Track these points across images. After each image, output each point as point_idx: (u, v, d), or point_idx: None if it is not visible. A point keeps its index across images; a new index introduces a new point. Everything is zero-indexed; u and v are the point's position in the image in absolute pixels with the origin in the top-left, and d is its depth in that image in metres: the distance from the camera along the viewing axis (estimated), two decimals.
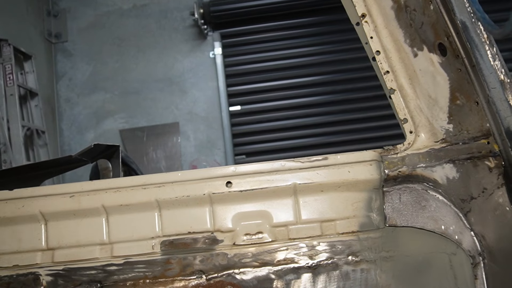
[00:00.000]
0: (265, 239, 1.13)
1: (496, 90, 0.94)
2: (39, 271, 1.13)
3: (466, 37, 0.93)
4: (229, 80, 5.10)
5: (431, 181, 1.14)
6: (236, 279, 1.14)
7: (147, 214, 1.14)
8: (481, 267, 1.12)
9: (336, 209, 1.14)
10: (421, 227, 1.14)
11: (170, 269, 1.13)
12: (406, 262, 1.14)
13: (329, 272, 1.13)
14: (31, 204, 1.12)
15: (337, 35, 4.98)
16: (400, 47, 1.12)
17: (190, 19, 5.08)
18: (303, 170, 1.12)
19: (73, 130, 5.10)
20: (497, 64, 0.96)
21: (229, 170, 1.12)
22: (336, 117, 4.95)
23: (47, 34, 5.12)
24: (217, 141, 5.04)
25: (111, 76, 5.15)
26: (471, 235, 1.13)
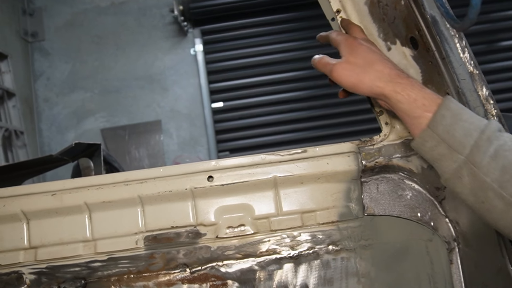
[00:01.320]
0: (248, 231, 1.15)
1: (465, 82, 0.98)
2: (22, 270, 1.13)
3: (436, 30, 0.96)
4: (210, 77, 5.09)
5: (407, 171, 1.18)
6: (220, 271, 1.16)
7: (130, 210, 1.15)
8: (456, 252, 1.16)
9: (316, 200, 1.17)
10: (398, 215, 1.18)
11: (154, 263, 1.15)
12: (385, 249, 1.18)
13: (310, 261, 1.16)
14: (12, 203, 1.12)
15: (317, 30, 4.99)
16: (374, 41, 1.15)
17: (170, 16, 5.05)
18: (283, 163, 1.15)
19: (53, 130, 5.03)
20: (466, 57, 0.99)
21: (211, 165, 1.14)
22: (318, 112, 5.00)
23: (23, 33, 5.02)
24: (200, 138, 5.04)
25: (91, 75, 5.09)
26: (446, 221, 1.17)
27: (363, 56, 0.98)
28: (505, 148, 0.82)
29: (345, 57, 1.00)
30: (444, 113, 0.87)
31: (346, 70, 0.99)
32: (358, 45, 1.00)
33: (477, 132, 0.84)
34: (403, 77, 0.93)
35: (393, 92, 0.92)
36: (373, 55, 0.98)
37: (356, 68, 0.97)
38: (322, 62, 1.06)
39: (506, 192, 0.80)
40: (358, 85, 0.97)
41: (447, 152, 0.87)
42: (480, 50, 4.96)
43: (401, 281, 1.17)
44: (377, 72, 0.95)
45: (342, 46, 1.03)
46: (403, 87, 0.92)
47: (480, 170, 0.83)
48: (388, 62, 0.97)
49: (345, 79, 0.99)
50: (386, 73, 0.94)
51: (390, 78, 0.93)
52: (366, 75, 0.96)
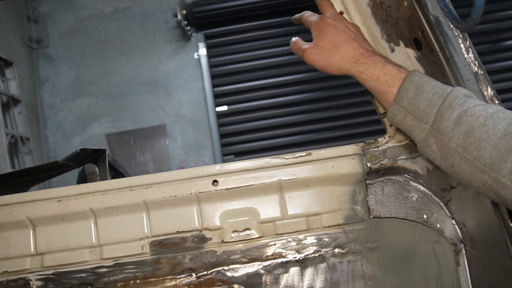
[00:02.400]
0: (253, 235, 1.15)
1: (470, 82, 0.97)
2: (29, 276, 1.13)
3: (440, 31, 0.96)
4: (214, 81, 5.10)
5: (412, 172, 1.17)
6: (226, 276, 1.16)
7: (135, 215, 1.15)
8: (463, 253, 1.15)
9: (322, 203, 1.16)
10: (404, 217, 1.17)
11: (160, 268, 1.15)
12: (391, 252, 1.17)
13: (316, 265, 1.16)
14: (18, 210, 1.12)
15: None
16: (377, 43, 1.15)
17: (173, 20, 5.07)
18: (288, 166, 1.14)
19: (58, 136, 5.05)
20: (470, 57, 0.99)
21: (215, 169, 1.14)
22: (323, 114, 4.99)
23: (28, 39, 5.06)
24: (205, 142, 5.04)
25: (95, 80, 5.11)
26: (452, 223, 1.16)
27: (331, 39, 1.04)
28: (467, 113, 0.85)
29: (314, 41, 1.07)
30: (407, 87, 0.94)
31: (315, 55, 1.06)
32: (326, 27, 1.05)
33: (439, 101, 0.89)
34: (366, 56, 1.00)
35: (358, 72, 1.00)
36: (339, 35, 1.03)
37: (325, 52, 1.04)
38: (295, 46, 1.12)
39: (470, 155, 0.84)
40: (328, 68, 1.05)
41: (415, 123, 0.93)
42: (484, 50, 4.94)
43: (408, 283, 1.16)
44: (343, 54, 1.01)
45: (312, 29, 1.09)
46: (366, 66, 0.99)
47: (445, 136, 0.88)
48: (353, 41, 1.02)
49: (316, 63, 1.06)
50: (350, 55, 1.01)
51: (354, 59, 1.00)
52: (333, 58, 1.03)
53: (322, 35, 1.05)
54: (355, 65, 1.00)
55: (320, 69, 1.06)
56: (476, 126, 0.83)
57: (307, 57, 1.07)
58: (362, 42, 1.04)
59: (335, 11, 1.14)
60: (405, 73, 0.96)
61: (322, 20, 1.07)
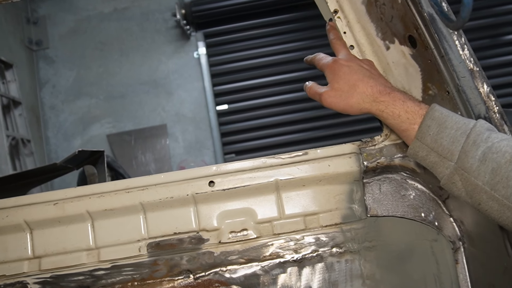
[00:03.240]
0: (250, 235, 1.15)
1: (465, 79, 0.96)
2: (27, 280, 1.13)
3: (434, 28, 0.95)
4: (214, 80, 5.09)
5: (409, 170, 1.16)
6: (224, 277, 1.16)
7: (132, 217, 1.15)
8: (462, 251, 1.15)
9: (319, 203, 1.16)
10: (402, 215, 1.16)
11: (157, 270, 1.15)
12: (389, 250, 1.17)
13: (314, 264, 1.16)
14: (15, 213, 1.12)
15: (320, 30, 4.99)
16: (372, 40, 1.15)
17: (172, 20, 5.06)
18: (284, 166, 1.14)
19: (59, 138, 5.06)
20: (466, 54, 0.98)
21: (211, 170, 1.14)
22: (324, 112, 4.96)
23: (28, 41, 5.06)
24: (205, 141, 5.04)
25: (95, 81, 5.11)
26: (450, 221, 1.16)
27: (346, 80, 1.03)
28: (492, 150, 0.84)
29: (330, 84, 1.06)
30: (429, 124, 0.92)
31: (333, 98, 1.04)
32: (340, 68, 1.05)
33: (463, 138, 0.88)
34: (384, 93, 0.99)
35: (378, 111, 0.99)
36: (354, 75, 1.02)
37: (342, 94, 1.03)
38: (311, 92, 1.11)
39: (499, 193, 0.82)
40: (347, 109, 1.04)
41: (438, 160, 0.91)
42: (483, 45, 4.91)
43: (406, 282, 1.16)
44: (361, 94, 1.01)
45: (326, 72, 1.08)
46: (386, 105, 0.98)
47: (471, 174, 0.85)
48: (369, 79, 1.01)
49: (334, 106, 1.05)
50: (368, 94, 1.00)
51: (373, 97, 0.99)
52: (351, 99, 1.02)
53: (337, 77, 1.05)
54: (375, 103, 0.99)
55: (340, 111, 1.05)
56: (503, 163, 0.81)
57: (325, 101, 1.06)
58: (378, 78, 1.04)
59: (348, 51, 1.13)
60: (425, 108, 0.95)
61: (335, 62, 1.07)
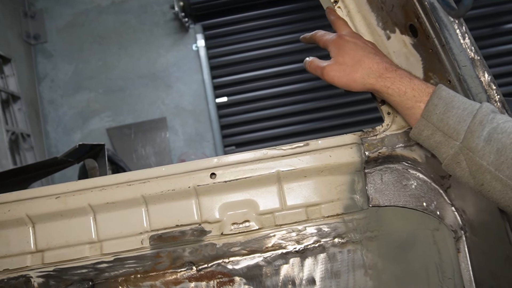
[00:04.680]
0: (252, 227, 1.15)
1: (466, 68, 0.96)
2: (30, 274, 1.14)
3: (435, 17, 0.94)
4: (214, 72, 5.08)
5: (411, 160, 1.16)
6: (227, 268, 1.16)
7: (134, 210, 1.15)
8: (463, 240, 1.15)
9: (320, 193, 1.16)
10: (404, 205, 1.17)
11: (160, 262, 1.15)
12: (391, 240, 1.17)
13: (316, 255, 1.16)
14: (17, 207, 1.12)
15: (320, 21, 4.97)
16: (373, 30, 1.14)
17: (171, 12, 5.03)
18: (286, 157, 1.14)
19: (59, 132, 5.05)
20: (467, 43, 0.97)
21: (213, 162, 1.13)
22: (323, 103, 4.96)
23: (25, 35, 5.03)
24: (205, 134, 5.03)
25: (94, 75, 5.09)
26: (452, 210, 1.16)
27: (352, 55, 1.01)
28: (498, 130, 0.84)
29: (334, 58, 1.04)
30: (436, 102, 0.91)
31: (336, 71, 1.02)
32: (345, 43, 1.03)
33: (469, 118, 0.87)
34: (391, 70, 0.97)
35: (384, 87, 0.97)
36: (360, 51, 1.01)
37: (346, 68, 1.01)
38: (312, 65, 1.09)
39: (503, 174, 0.82)
40: (350, 84, 1.01)
41: (443, 139, 0.90)
42: (484, 34, 4.89)
43: (408, 271, 1.16)
44: (366, 69, 0.99)
45: (331, 47, 1.06)
46: (392, 81, 0.96)
47: (476, 154, 0.85)
48: (375, 56, 1.00)
49: (337, 80, 1.03)
50: (374, 69, 0.98)
51: (379, 73, 0.98)
52: (356, 73, 1.00)
53: (342, 52, 1.03)
54: (380, 79, 0.97)
55: (342, 86, 1.03)
56: (508, 144, 0.81)
57: (327, 75, 1.04)
58: (384, 56, 1.02)
59: (351, 29, 1.12)
60: (432, 88, 0.93)
61: (340, 37, 1.05)
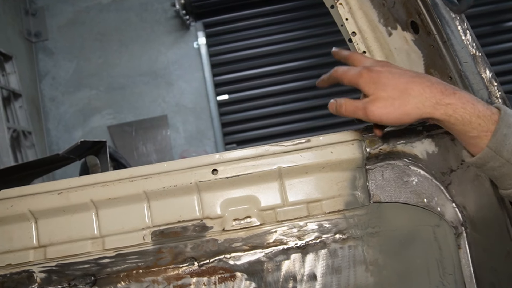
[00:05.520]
0: (254, 223, 1.16)
1: (468, 64, 0.96)
2: (33, 269, 1.14)
3: (436, 13, 0.95)
4: (215, 70, 5.08)
5: (412, 157, 1.17)
6: (228, 264, 1.17)
7: (136, 206, 1.15)
8: (464, 236, 1.15)
9: (322, 190, 1.16)
10: (405, 201, 1.17)
11: (162, 258, 1.15)
12: (392, 236, 1.17)
13: (318, 251, 1.16)
14: (20, 203, 1.13)
15: (320, 18, 4.98)
16: (375, 27, 1.14)
17: (172, 10, 5.04)
18: (287, 153, 1.14)
19: (60, 129, 5.06)
20: (468, 39, 0.97)
21: (214, 158, 1.14)
22: (324, 101, 4.93)
23: (27, 33, 5.04)
24: (206, 132, 5.04)
25: (95, 73, 5.10)
26: (453, 206, 1.16)
27: (393, 85, 0.88)
28: None
29: (373, 95, 0.91)
30: (505, 132, 0.81)
31: (383, 108, 0.89)
32: (379, 75, 0.91)
33: None
34: (448, 93, 0.85)
35: (445, 115, 0.85)
36: (401, 79, 0.88)
37: (394, 102, 0.88)
38: (349, 108, 0.97)
39: None
40: (403, 118, 0.88)
41: None
42: (485, 32, 4.89)
43: (409, 267, 1.16)
44: (418, 97, 0.86)
45: (362, 84, 0.94)
46: (453, 108, 0.84)
47: None
48: (421, 79, 0.88)
49: (386, 117, 0.89)
50: (428, 96, 0.85)
51: (435, 100, 0.85)
52: (407, 105, 0.87)
53: (380, 85, 0.89)
54: (439, 107, 0.84)
55: (393, 122, 0.89)
56: None
57: (372, 114, 0.90)
58: (427, 76, 0.89)
59: (372, 58, 1.00)
60: (496, 113, 0.83)
61: (369, 70, 0.93)
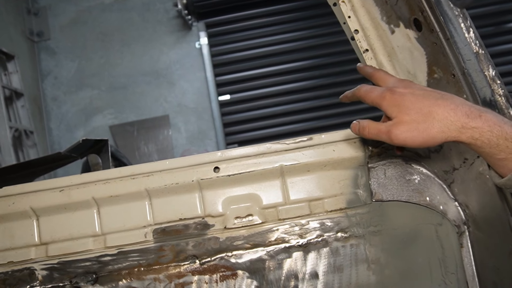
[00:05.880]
0: (256, 221, 1.15)
1: (471, 62, 0.96)
2: (34, 266, 1.14)
3: (440, 11, 0.94)
4: (216, 70, 5.08)
5: (415, 155, 1.16)
6: (230, 262, 1.16)
7: (137, 204, 1.15)
8: (466, 235, 1.15)
9: (324, 188, 1.16)
10: (407, 200, 1.17)
11: (163, 256, 1.15)
12: (394, 235, 1.17)
13: (320, 249, 1.16)
14: (21, 200, 1.13)
15: (323, 19, 4.98)
16: (377, 24, 1.14)
17: (174, 10, 5.03)
18: (289, 151, 1.14)
19: (62, 129, 5.06)
20: (471, 36, 0.97)
21: (216, 156, 1.14)
22: (326, 101, 4.96)
23: (29, 33, 5.05)
24: (208, 132, 5.04)
25: (97, 72, 5.10)
26: (455, 205, 1.16)
27: (417, 109, 0.87)
28: None
29: (397, 117, 0.89)
30: None
31: (407, 132, 0.87)
32: (402, 98, 0.89)
33: None
34: (474, 116, 0.83)
35: (471, 139, 0.84)
36: (425, 101, 0.87)
37: (418, 126, 0.86)
38: (372, 131, 0.95)
39: None
40: (428, 141, 0.87)
41: None
42: (487, 33, 4.87)
43: (411, 266, 1.16)
44: (443, 121, 0.85)
45: (385, 106, 0.92)
46: (480, 132, 0.82)
47: None
48: (445, 102, 0.86)
49: (411, 141, 0.88)
50: (453, 119, 0.84)
51: (460, 124, 0.84)
52: (432, 129, 0.85)
53: (403, 108, 0.88)
54: (464, 130, 0.83)
55: (418, 145, 0.88)
56: None
57: (396, 138, 0.88)
58: (452, 97, 0.87)
59: (395, 77, 0.98)
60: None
61: (392, 92, 0.91)
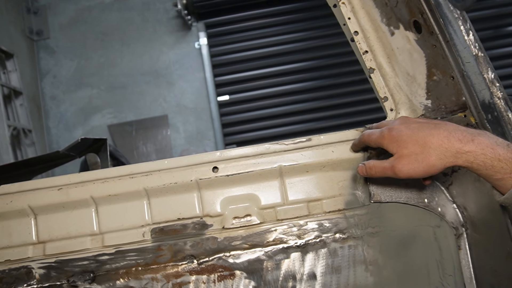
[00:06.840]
0: (254, 221, 1.15)
1: (470, 65, 0.96)
2: (31, 265, 1.14)
3: (439, 13, 0.95)
4: (216, 70, 5.08)
5: None
6: (228, 262, 1.16)
7: (136, 203, 1.15)
8: (464, 237, 1.15)
9: (322, 189, 1.16)
10: (405, 201, 1.17)
11: (161, 255, 1.15)
12: (392, 236, 1.17)
13: (317, 250, 1.16)
14: (19, 198, 1.13)
15: (322, 20, 4.98)
16: (377, 26, 1.14)
17: (173, 10, 5.03)
18: (288, 152, 1.14)
19: (60, 128, 5.06)
20: (471, 39, 0.97)
21: (215, 156, 1.14)
22: (325, 103, 4.97)
23: (28, 31, 5.04)
24: (207, 132, 5.04)
25: (97, 72, 5.10)
26: (453, 207, 1.16)
27: (413, 141, 0.93)
28: None
29: (397, 153, 0.96)
30: None
31: (409, 165, 0.94)
32: (398, 134, 0.96)
33: None
34: (466, 141, 0.88)
35: (467, 162, 0.89)
36: (419, 133, 0.93)
37: (417, 157, 0.93)
38: (378, 169, 1.01)
39: None
40: (430, 170, 0.93)
41: None
42: (486, 36, 4.88)
43: (409, 267, 1.16)
44: (439, 149, 0.90)
45: (386, 144, 0.99)
46: (474, 155, 0.87)
47: None
48: (438, 130, 0.92)
49: (414, 172, 0.94)
50: (447, 147, 0.90)
51: (455, 149, 0.89)
52: (431, 158, 0.91)
53: (401, 143, 0.95)
54: (459, 155, 0.88)
55: (422, 175, 0.94)
56: None
57: (400, 172, 0.95)
58: (444, 125, 0.93)
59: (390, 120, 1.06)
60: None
61: (390, 129, 0.98)
